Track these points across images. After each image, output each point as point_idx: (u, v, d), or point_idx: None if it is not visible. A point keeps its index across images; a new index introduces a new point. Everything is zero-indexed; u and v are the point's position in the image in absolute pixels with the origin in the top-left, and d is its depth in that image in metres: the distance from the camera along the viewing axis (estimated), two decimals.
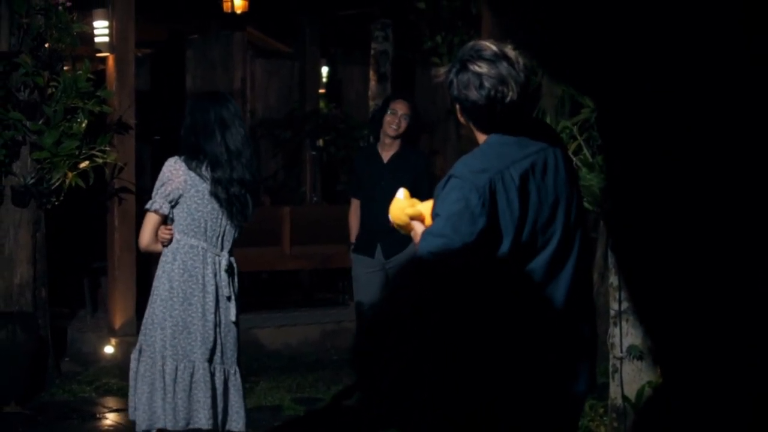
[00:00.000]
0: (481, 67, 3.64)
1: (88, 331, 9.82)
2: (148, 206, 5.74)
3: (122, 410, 7.66)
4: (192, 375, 5.60)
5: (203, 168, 5.64)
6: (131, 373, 5.74)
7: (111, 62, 9.40)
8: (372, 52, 13.85)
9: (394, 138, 7.83)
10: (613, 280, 6.64)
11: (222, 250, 5.70)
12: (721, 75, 4.83)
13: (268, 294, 11.84)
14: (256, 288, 11.87)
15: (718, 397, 5.06)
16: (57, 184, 8.39)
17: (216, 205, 5.64)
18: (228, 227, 5.71)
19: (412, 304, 1.71)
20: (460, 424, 1.72)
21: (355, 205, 8.01)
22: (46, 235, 8.68)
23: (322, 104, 14.97)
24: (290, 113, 14.58)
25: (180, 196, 5.63)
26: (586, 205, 5.57)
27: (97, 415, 7.74)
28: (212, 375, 5.62)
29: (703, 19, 4.82)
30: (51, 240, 8.81)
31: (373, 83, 13.88)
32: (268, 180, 14.52)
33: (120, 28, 9.34)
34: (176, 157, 5.70)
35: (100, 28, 9.34)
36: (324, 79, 15.76)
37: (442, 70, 3.81)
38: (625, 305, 6.63)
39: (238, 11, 13.01)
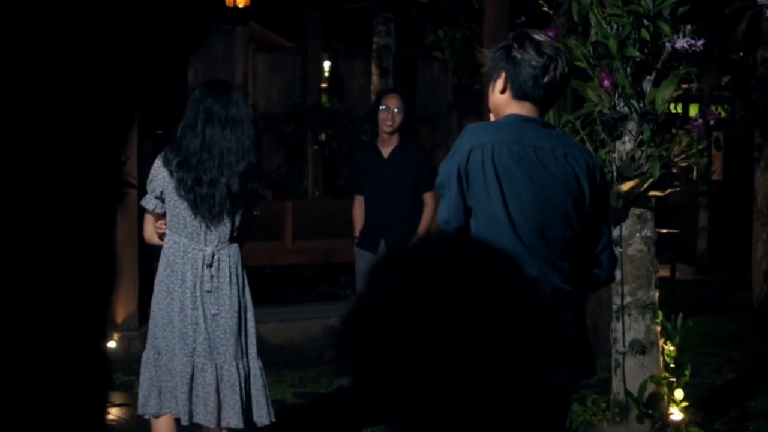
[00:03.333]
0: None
1: None
2: (141, 203, 5.76)
3: (125, 405, 7.67)
4: (171, 368, 5.54)
5: (173, 164, 5.55)
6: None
7: None
8: (374, 46, 13.85)
9: (391, 133, 7.85)
10: (615, 274, 6.63)
11: (206, 245, 5.57)
12: None
13: (270, 288, 11.84)
14: (258, 282, 11.88)
15: None
16: None
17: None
18: (210, 223, 5.55)
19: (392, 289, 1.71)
20: (433, 410, 1.72)
21: (358, 201, 8.03)
22: None
23: (324, 99, 14.99)
24: (292, 108, 14.60)
25: (162, 192, 5.58)
26: None
27: None
28: (199, 369, 5.52)
29: None
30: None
31: (375, 78, 13.88)
32: (270, 174, 14.53)
33: None
34: (162, 152, 5.66)
35: None
36: (326, 74, 15.77)
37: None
38: (627, 299, 6.62)
39: (241, 5, 13.01)
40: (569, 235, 3.88)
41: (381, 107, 7.85)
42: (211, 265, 5.56)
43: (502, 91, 3.98)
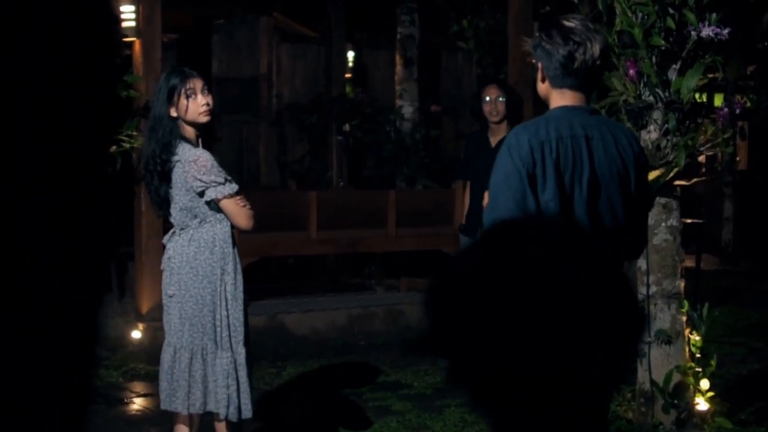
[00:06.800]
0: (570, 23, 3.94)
1: (115, 316, 9.85)
2: None
3: (150, 395, 7.69)
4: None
5: None
6: None
7: (138, 47, 9.41)
8: (398, 36, 13.82)
9: (498, 122, 8.01)
10: (641, 263, 6.61)
11: (175, 226, 5.70)
12: None
13: (294, 279, 11.86)
14: (282, 273, 11.90)
15: None
16: None
17: None
18: (172, 205, 5.62)
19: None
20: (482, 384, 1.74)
21: (463, 186, 8.30)
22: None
23: (348, 89, 14.96)
24: (316, 98, 14.58)
25: None
26: None
27: (125, 400, 7.76)
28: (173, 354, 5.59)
29: None
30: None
31: (399, 68, 13.86)
32: (294, 165, 14.54)
33: (147, 13, 9.35)
34: None
35: (127, 13, 9.34)
36: (350, 64, 15.74)
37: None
38: (653, 289, 6.60)
39: None
40: (616, 222, 3.87)
41: (484, 100, 8.01)
42: (163, 247, 5.72)
43: (543, 81, 4.00)
